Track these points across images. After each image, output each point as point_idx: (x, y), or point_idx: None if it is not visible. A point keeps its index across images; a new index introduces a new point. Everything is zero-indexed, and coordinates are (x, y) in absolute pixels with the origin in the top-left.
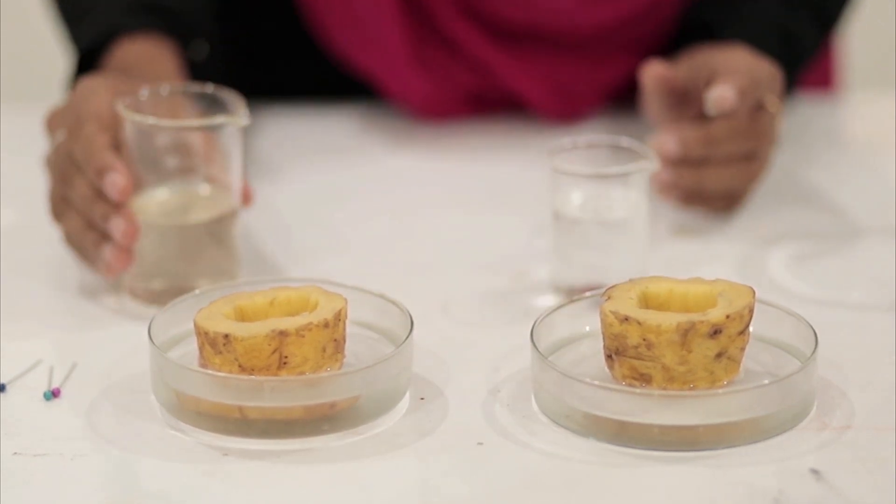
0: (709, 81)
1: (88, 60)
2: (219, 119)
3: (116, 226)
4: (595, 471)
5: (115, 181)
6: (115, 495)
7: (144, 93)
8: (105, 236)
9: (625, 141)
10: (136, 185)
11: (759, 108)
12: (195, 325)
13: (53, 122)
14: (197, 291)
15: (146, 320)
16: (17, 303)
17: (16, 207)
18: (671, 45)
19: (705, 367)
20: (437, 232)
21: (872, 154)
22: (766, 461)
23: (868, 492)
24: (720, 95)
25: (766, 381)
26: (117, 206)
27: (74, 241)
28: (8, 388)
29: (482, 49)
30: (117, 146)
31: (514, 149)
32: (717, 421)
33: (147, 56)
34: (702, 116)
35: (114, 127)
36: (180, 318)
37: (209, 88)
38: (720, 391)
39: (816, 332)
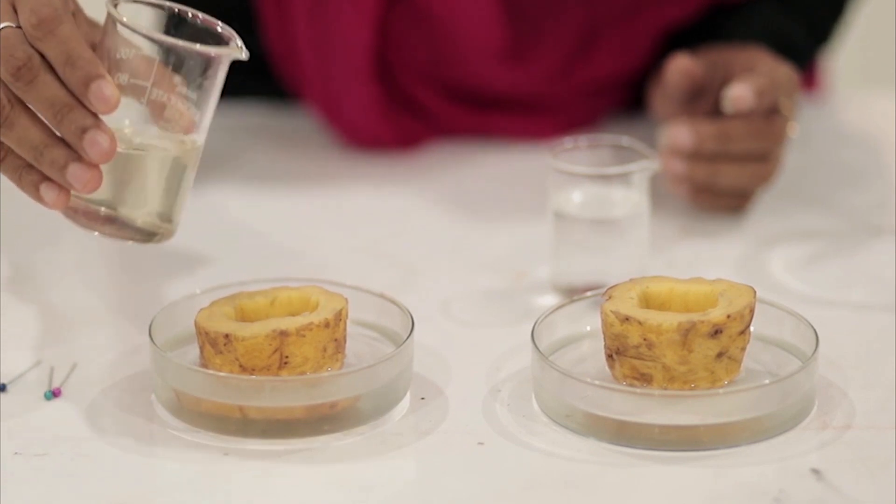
0: (726, 79)
1: None
2: (217, 49)
3: (96, 140)
4: (595, 471)
5: (106, 92)
6: (115, 495)
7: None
8: (72, 151)
9: (625, 141)
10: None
11: (774, 111)
12: (196, 324)
13: None
14: (197, 291)
15: (146, 320)
16: (17, 303)
17: (16, 207)
18: (667, 45)
19: (706, 367)
20: (437, 232)
21: (872, 154)
22: (766, 461)
23: (868, 492)
24: (738, 95)
25: (767, 381)
26: (95, 119)
27: (26, 153)
28: (8, 388)
29: (471, 123)
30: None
31: (514, 149)
32: (718, 421)
33: None
34: (714, 112)
35: (89, 32)
36: (180, 318)
37: (200, 16)
38: (721, 391)
39: (817, 331)
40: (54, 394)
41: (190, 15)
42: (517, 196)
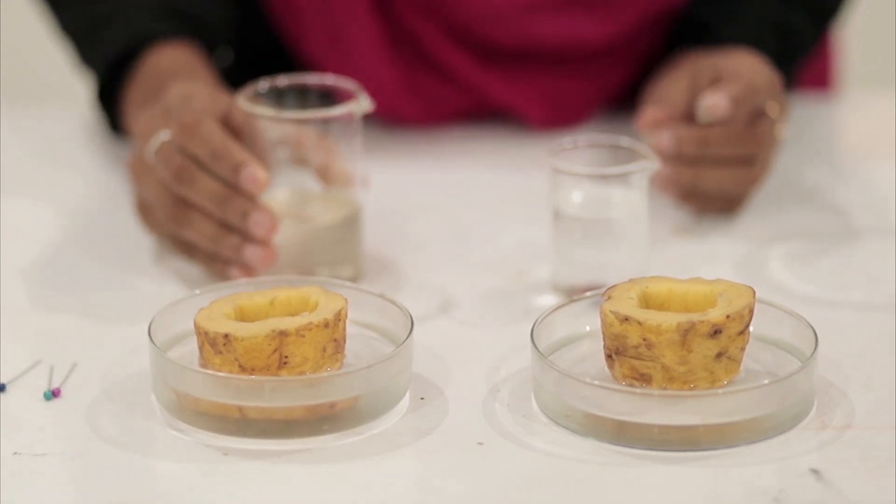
0: (712, 85)
1: (115, 71)
2: (344, 107)
3: (259, 221)
4: (595, 471)
5: (254, 175)
6: (115, 495)
7: (264, 85)
8: (244, 236)
9: (625, 141)
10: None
11: (759, 115)
12: (195, 324)
13: (147, 129)
14: (197, 291)
15: (146, 320)
16: (17, 303)
17: (16, 207)
18: (666, 45)
19: (705, 367)
20: (436, 232)
21: (872, 154)
22: (766, 461)
23: (868, 492)
24: (713, 104)
25: (767, 381)
26: (253, 202)
27: (206, 246)
28: (8, 388)
29: (471, 71)
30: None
31: (514, 149)
32: (717, 421)
33: (183, 62)
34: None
35: (229, 123)
36: (180, 318)
37: (329, 80)
38: (720, 391)
39: (816, 331)
40: (54, 394)
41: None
42: (517, 196)
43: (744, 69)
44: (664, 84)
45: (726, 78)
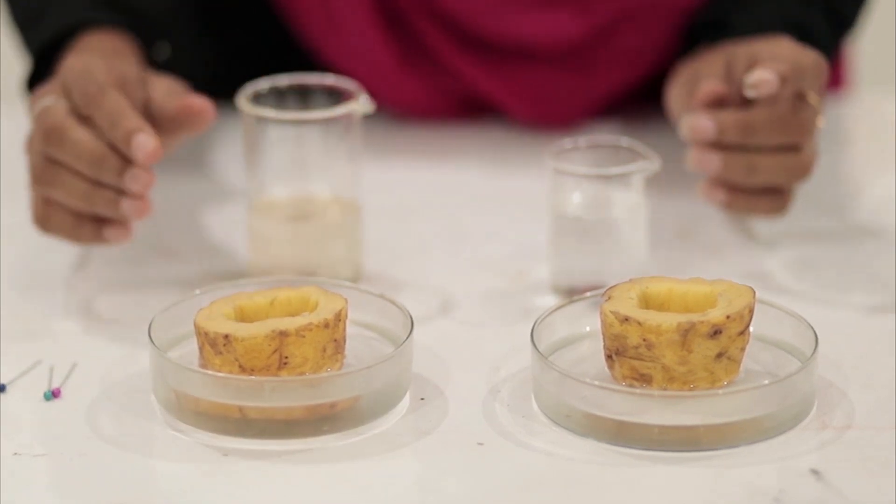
0: (749, 69)
1: (48, 56)
2: (344, 107)
3: (135, 176)
4: (595, 471)
5: (144, 142)
6: (114, 495)
7: (265, 85)
8: (118, 192)
9: (625, 141)
10: (259, 184)
11: (801, 100)
12: (195, 325)
13: (39, 94)
14: (197, 292)
15: (146, 320)
16: (17, 303)
17: (15, 207)
18: (679, 46)
19: (705, 368)
20: (436, 232)
21: (873, 154)
22: (766, 461)
23: (868, 492)
24: (761, 78)
25: (767, 382)
26: (127, 161)
27: (77, 200)
28: (8, 388)
29: (459, 61)
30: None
31: (514, 149)
32: (717, 421)
33: (110, 49)
34: (740, 106)
35: (134, 96)
36: (180, 319)
37: (329, 79)
38: (720, 391)
39: (816, 332)
40: (54, 394)
41: (317, 82)
42: (517, 196)
43: (786, 51)
44: (693, 73)
45: (768, 58)
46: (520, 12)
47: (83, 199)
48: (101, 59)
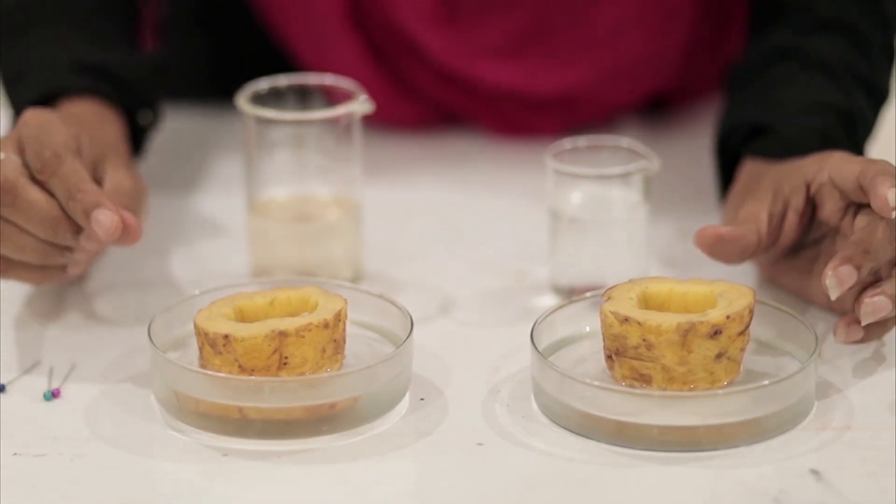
0: (817, 194)
1: None
2: (344, 107)
3: (101, 217)
4: (595, 471)
5: (104, 219)
6: (114, 495)
7: (264, 86)
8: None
9: (625, 141)
10: (256, 182)
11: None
12: (195, 325)
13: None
14: (197, 292)
15: (146, 320)
16: (16, 303)
17: None
18: (720, 156)
19: (705, 368)
20: (436, 232)
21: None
22: (766, 461)
23: (868, 492)
24: (886, 197)
25: (766, 382)
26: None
27: (28, 260)
28: (8, 388)
29: (442, 96)
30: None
31: (514, 149)
32: (717, 421)
33: (90, 116)
34: (814, 233)
35: (85, 158)
36: (180, 319)
37: (328, 79)
38: (720, 391)
39: (816, 332)
40: (54, 394)
41: (313, 83)
42: (517, 196)
43: (853, 165)
44: (738, 201)
45: (827, 178)
46: (488, 62)
47: (37, 256)
48: (58, 117)
